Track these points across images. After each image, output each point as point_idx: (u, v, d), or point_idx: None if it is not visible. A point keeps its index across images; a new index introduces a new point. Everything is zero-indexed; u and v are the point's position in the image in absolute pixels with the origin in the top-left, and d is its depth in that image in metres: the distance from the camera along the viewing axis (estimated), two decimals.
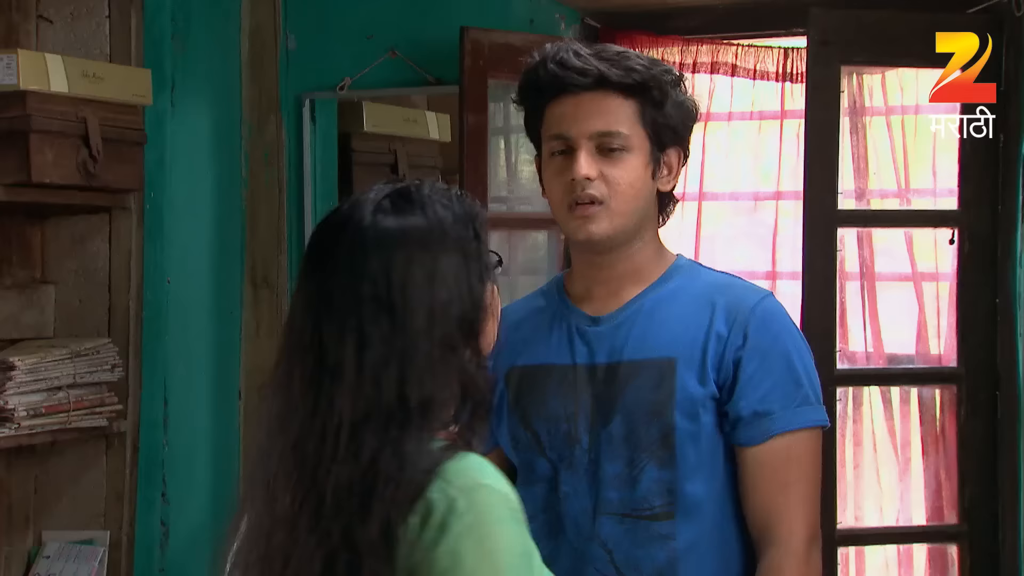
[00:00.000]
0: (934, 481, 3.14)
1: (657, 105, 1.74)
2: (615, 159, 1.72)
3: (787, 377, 1.72)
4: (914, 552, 3.27)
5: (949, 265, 3.13)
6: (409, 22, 3.23)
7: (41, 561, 2.84)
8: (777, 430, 1.70)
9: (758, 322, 1.73)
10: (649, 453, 1.71)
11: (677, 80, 1.77)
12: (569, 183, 1.73)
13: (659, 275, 1.79)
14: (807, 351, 1.78)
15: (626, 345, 1.75)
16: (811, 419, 1.74)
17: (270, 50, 3.27)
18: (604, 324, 1.77)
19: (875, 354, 3.24)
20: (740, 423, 1.71)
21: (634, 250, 1.78)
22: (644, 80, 1.72)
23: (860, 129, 3.21)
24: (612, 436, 1.72)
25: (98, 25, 2.86)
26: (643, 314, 1.76)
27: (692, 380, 1.71)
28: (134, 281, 2.87)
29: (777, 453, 1.71)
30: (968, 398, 3.04)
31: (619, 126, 1.72)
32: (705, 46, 3.34)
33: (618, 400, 1.73)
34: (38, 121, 2.55)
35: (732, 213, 3.57)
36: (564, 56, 1.74)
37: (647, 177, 1.75)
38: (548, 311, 1.84)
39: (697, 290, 1.78)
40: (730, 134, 3.50)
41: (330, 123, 3.35)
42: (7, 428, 2.55)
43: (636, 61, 1.74)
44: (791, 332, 1.77)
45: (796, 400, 1.72)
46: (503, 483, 1.29)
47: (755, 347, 1.72)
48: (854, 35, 2.98)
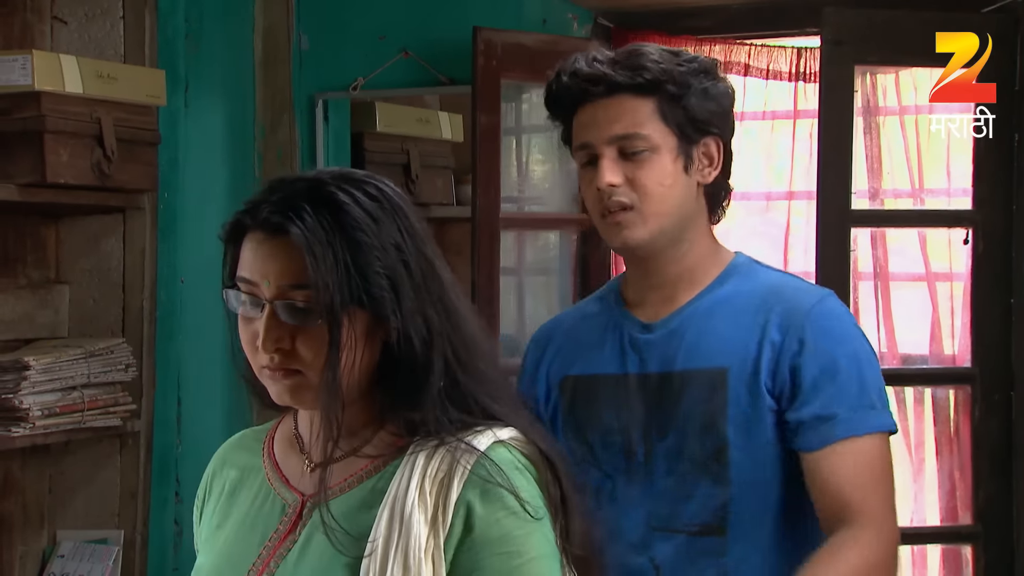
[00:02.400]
0: (948, 482, 3.13)
1: (676, 99, 1.68)
2: (640, 161, 1.67)
3: (849, 381, 1.65)
4: (928, 553, 3.27)
5: (963, 265, 3.12)
6: (422, 22, 3.23)
7: (55, 560, 2.84)
8: (841, 435, 1.62)
9: (815, 326, 1.66)
10: (703, 468, 1.66)
11: (700, 68, 1.70)
12: (598, 192, 1.69)
13: (714, 276, 1.73)
14: (871, 354, 1.70)
15: (678, 354, 1.69)
16: (877, 424, 1.66)
17: (283, 50, 3.28)
18: (656, 331, 1.72)
19: (889, 354, 3.23)
20: (802, 428, 1.64)
21: (682, 252, 1.72)
22: (655, 77, 1.67)
23: (874, 129, 3.20)
24: (667, 450, 1.68)
25: (112, 26, 2.87)
26: (696, 320, 1.70)
27: (745, 391, 1.65)
28: (148, 281, 2.88)
29: (844, 458, 1.62)
30: (982, 398, 3.03)
31: (637, 127, 1.67)
32: (718, 46, 3.33)
33: (672, 412, 1.68)
34: (52, 121, 2.55)
35: (744, 213, 3.56)
36: (577, 66, 1.71)
37: (678, 173, 1.69)
38: (603, 317, 1.78)
39: (752, 293, 1.71)
40: (743, 134, 3.48)
41: (343, 123, 3.36)
42: (22, 428, 2.56)
43: (648, 58, 1.69)
44: (852, 334, 1.70)
45: (861, 404, 1.65)
46: None
47: (813, 352, 1.65)
48: (868, 35, 2.98)
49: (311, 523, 1.34)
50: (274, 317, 1.29)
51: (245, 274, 1.32)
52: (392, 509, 1.28)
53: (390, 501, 1.29)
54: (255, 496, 1.41)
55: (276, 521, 1.37)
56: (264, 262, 1.30)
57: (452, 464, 1.28)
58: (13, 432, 2.55)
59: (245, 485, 1.43)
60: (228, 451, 1.49)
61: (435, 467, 1.29)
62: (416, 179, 3.49)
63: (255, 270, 1.31)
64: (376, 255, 1.29)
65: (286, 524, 1.36)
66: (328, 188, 1.31)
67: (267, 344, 1.29)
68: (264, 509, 1.39)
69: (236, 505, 1.43)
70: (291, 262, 1.28)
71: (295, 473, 1.40)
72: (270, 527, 1.37)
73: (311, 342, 1.29)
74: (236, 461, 1.46)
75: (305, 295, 1.28)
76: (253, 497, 1.41)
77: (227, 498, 1.44)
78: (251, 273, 1.31)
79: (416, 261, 1.32)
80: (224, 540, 1.41)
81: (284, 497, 1.38)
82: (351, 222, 1.29)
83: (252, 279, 1.31)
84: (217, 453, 1.50)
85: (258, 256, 1.31)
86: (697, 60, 1.72)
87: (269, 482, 1.41)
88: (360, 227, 1.29)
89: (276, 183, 1.35)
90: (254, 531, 1.38)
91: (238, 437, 1.51)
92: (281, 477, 1.40)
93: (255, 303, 1.31)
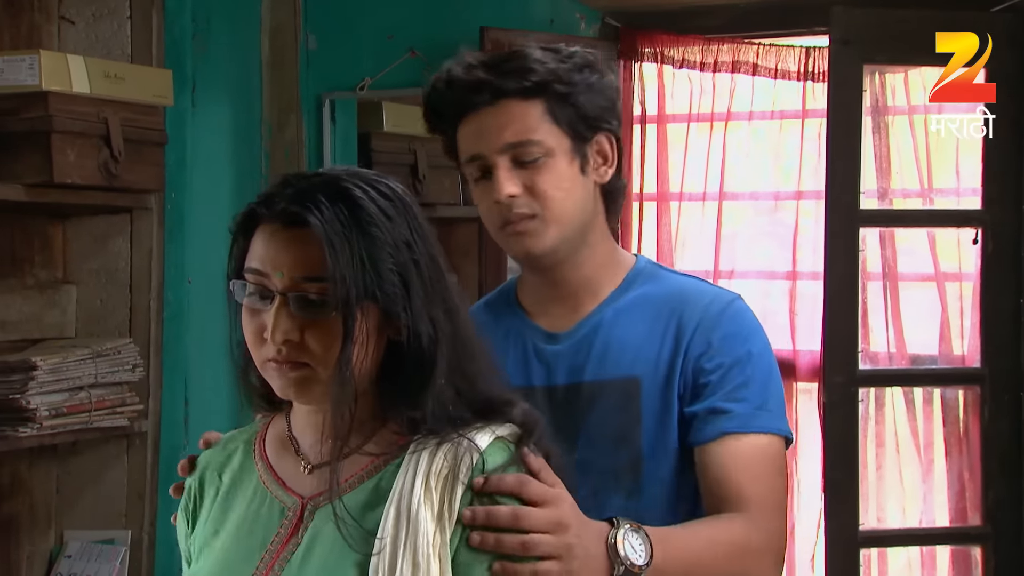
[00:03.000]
0: (957, 482, 3.12)
1: (564, 98, 1.59)
2: (536, 167, 1.59)
3: (749, 382, 1.59)
4: (937, 554, 3.25)
5: (972, 265, 3.11)
6: (429, 22, 3.23)
7: (63, 560, 2.85)
8: (732, 428, 1.57)
9: (723, 327, 1.61)
10: (615, 481, 1.60)
11: (583, 63, 1.62)
12: (496, 204, 1.60)
13: (618, 283, 1.67)
14: (770, 360, 1.64)
15: (587, 364, 1.62)
16: (770, 425, 1.59)
17: (290, 50, 3.28)
18: (563, 342, 1.65)
19: (898, 355, 3.22)
20: (695, 420, 1.58)
21: (583, 258, 1.65)
22: (542, 79, 1.59)
23: (882, 128, 3.19)
24: (577, 464, 1.58)
25: (119, 26, 2.87)
26: (603, 329, 1.63)
27: (658, 400, 1.60)
28: (155, 281, 2.88)
29: (732, 451, 1.56)
30: (992, 399, 3.02)
31: (529, 133, 1.58)
32: (726, 45, 3.32)
33: (580, 425, 1.61)
34: (60, 122, 2.55)
35: (752, 213, 3.55)
36: (455, 75, 1.61)
37: (575, 175, 1.61)
38: (500, 326, 1.69)
39: (660, 299, 1.64)
40: (751, 133, 3.48)
41: (350, 123, 3.36)
42: (29, 428, 2.56)
43: (531, 59, 1.60)
44: (758, 339, 1.64)
45: (756, 405, 1.59)
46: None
47: (718, 352, 1.59)
48: (876, 34, 2.97)
49: (313, 525, 1.34)
50: (285, 308, 1.29)
51: (256, 265, 1.31)
52: (399, 507, 1.28)
53: (396, 499, 1.29)
54: (250, 500, 1.40)
55: (276, 525, 1.36)
56: (278, 253, 1.30)
57: (456, 461, 1.29)
58: (20, 432, 2.55)
59: (239, 490, 1.42)
60: (215, 456, 1.47)
61: (439, 464, 1.30)
62: (423, 179, 3.49)
63: (267, 261, 1.30)
64: (389, 251, 1.30)
65: (287, 528, 1.36)
66: (344, 183, 1.31)
67: (276, 335, 1.29)
68: (262, 513, 1.38)
69: (231, 511, 1.41)
70: (306, 254, 1.28)
71: (291, 475, 1.39)
72: (270, 531, 1.36)
73: (322, 335, 1.28)
74: (226, 466, 1.45)
75: (319, 287, 1.28)
76: (248, 501, 1.40)
77: (221, 504, 1.43)
78: (263, 264, 1.31)
79: (425, 261, 1.33)
80: (222, 547, 1.40)
81: (282, 500, 1.38)
82: (367, 217, 1.29)
83: (263, 270, 1.31)
84: (202, 458, 1.48)
85: (271, 247, 1.30)
86: (577, 54, 1.63)
87: (265, 486, 1.40)
88: (375, 223, 1.29)
89: (290, 177, 1.35)
90: (252, 536, 1.37)
91: (223, 441, 1.49)
92: (277, 480, 1.39)
93: (264, 295, 1.31)
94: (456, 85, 1.61)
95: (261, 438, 1.45)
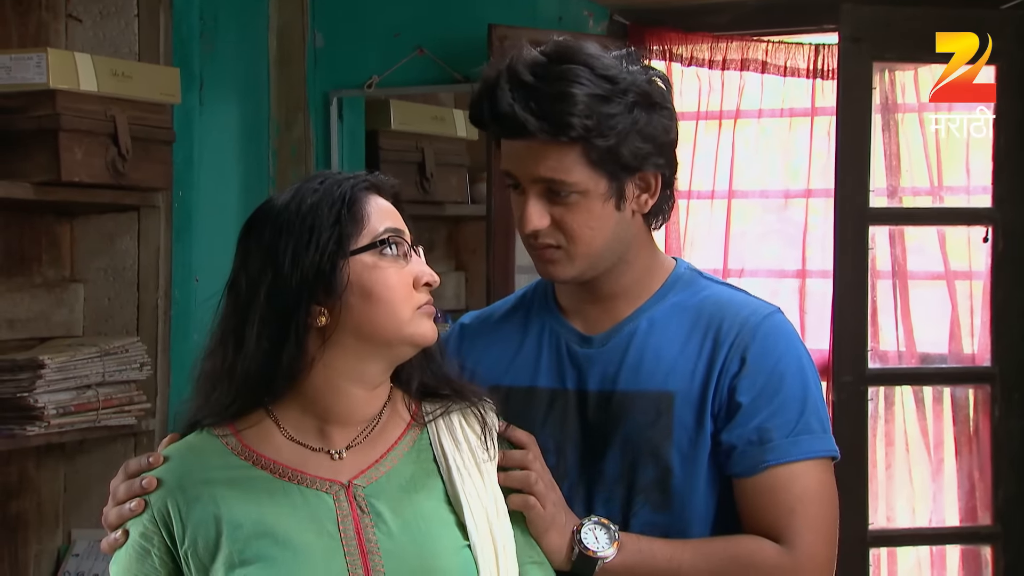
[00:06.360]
0: (967, 482, 3.11)
1: (607, 141, 1.53)
2: (567, 203, 1.55)
3: (788, 403, 1.55)
4: (947, 553, 3.25)
5: (983, 263, 3.10)
6: (437, 20, 3.22)
7: (71, 559, 2.85)
8: (773, 460, 1.53)
9: (758, 344, 1.57)
10: (644, 495, 1.57)
11: (636, 101, 1.53)
12: (524, 224, 1.57)
13: (655, 288, 1.63)
14: (813, 375, 1.60)
15: (620, 373, 1.59)
16: (813, 449, 1.55)
17: (298, 48, 3.28)
18: (596, 346, 1.62)
19: (907, 353, 3.21)
20: (734, 452, 1.55)
21: (619, 272, 1.61)
22: (579, 134, 1.51)
23: (892, 126, 3.18)
24: (605, 474, 1.58)
25: (127, 24, 2.87)
26: (638, 337, 1.60)
27: (691, 417, 1.56)
28: (163, 279, 2.88)
29: (776, 485, 1.53)
30: (1002, 397, 3.01)
31: (563, 174, 1.53)
32: (735, 43, 3.31)
33: (612, 435, 1.58)
34: (67, 120, 2.55)
35: (762, 211, 3.55)
36: (497, 102, 1.53)
37: (608, 213, 1.56)
38: (535, 323, 1.67)
39: (696, 309, 1.61)
40: (760, 131, 3.47)
41: (357, 121, 3.35)
42: (37, 426, 2.56)
43: (574, 106, 1.50)
44: (795, 354, 1.59)
45: (797, 428, 1.54)
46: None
47: (753, 370, 1.55)
48: (886, 31, 2.96)
49: (383, 498, 1.41)
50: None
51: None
52: (459, 470, 1.45)
53: (450, 464, 1.45)
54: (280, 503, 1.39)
55: (332, 514, 1.40)
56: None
57: (481, 422, 1.50)
58: (28, 431, 2.55)
59: (250, 502, 1.39)
60: (181, 479, 1.43)
61: (467, 427, 1.49)
62: (431, 177, 3.48)
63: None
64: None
65: (346, 511, 1.40)
66: None
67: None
68: (308, 510, 1.40)
69: (264, 525, 1.38)
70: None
71: (319, 466, 1.43)
72: (328, 521, 1.39)
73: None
74: (208, 483, 1.41)
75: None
76: (278, 505, 1.39)
77: (232, 527, 1.38)
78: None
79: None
80: (284, 560, 1.36)
81: (328, 490, 1.41)
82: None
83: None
84: (167, 486, 1.42)
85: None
86: (633, 87, 1.53)
87: (294, 482, 1.41)
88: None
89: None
90: (317, 534, 1.38)
91: (176, 465, 1.45)
92: (308, 475, 1.42)
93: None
94: (496, 112, 1.54)
95: (243, 446, 1.44)
